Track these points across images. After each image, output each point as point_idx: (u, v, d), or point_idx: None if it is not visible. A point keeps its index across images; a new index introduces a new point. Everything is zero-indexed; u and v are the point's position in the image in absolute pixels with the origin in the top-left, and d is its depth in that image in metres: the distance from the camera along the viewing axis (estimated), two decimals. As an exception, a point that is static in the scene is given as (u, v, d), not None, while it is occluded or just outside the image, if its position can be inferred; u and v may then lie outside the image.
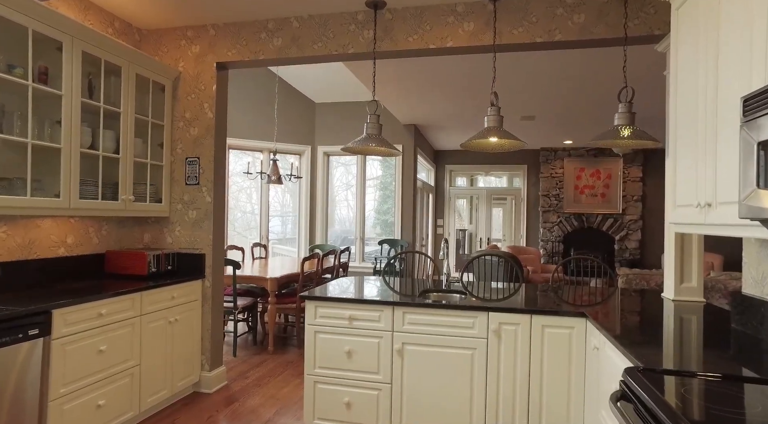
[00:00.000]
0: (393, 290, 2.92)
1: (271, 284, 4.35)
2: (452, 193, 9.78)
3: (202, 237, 3.42)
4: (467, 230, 10.76)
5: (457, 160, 9.66)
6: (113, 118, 3.06)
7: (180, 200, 3.48)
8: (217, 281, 3.46)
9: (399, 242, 7.01)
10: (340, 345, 2.62)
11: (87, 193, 2.81)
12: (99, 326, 2.50)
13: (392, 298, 2.62)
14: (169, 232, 3.49)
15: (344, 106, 7.38)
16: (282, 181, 5.45)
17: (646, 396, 1.09)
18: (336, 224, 8.05)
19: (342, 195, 8.28)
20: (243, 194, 9.33)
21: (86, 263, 3.13)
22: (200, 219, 3.44)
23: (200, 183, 3.44)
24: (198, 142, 3.46)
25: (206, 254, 3.41)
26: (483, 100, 5.66)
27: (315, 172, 7.42)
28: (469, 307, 2.45)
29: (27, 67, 2.46)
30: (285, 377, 3.73)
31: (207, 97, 3.45)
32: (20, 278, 2.70)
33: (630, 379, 1.23)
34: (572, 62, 4.30)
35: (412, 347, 2.53)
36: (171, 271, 3.34)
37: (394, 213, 7.22)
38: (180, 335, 3.15)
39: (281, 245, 8.90)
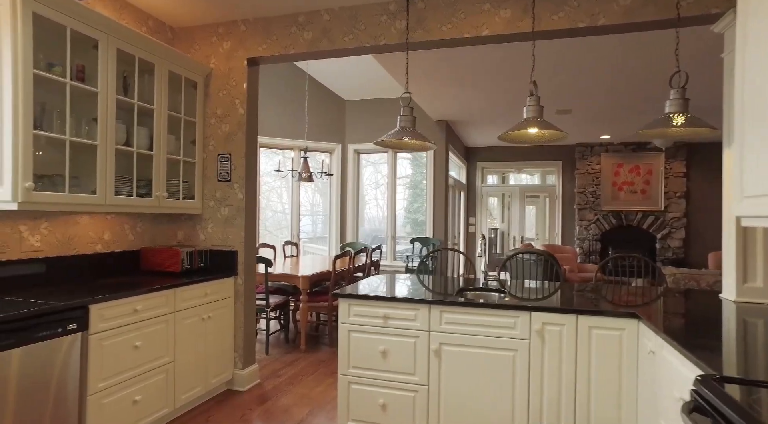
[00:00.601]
0: (428, 288, 2.82)
1: (303, 282, 4.31)
2: (484, 190, 9.58)
3: (234, 234, 3.41)
4: (499, 228, 10.54)
5: (489, 157, 9.45)
6: (147, 115, 3.07)
7: (212, 197, 3.47)
8: (249, 278, 3.44)
9: (431, 240, 6.89)
10: (374, 345, 2.54)
11: (122, 189, 2.83)
12: (134, 322, 2.50)
13: (428, 296, 2.52)
14: (202, 229, 3.49)
15: (374, 103, 7.32)
16: (313, 179, 5.42)
17: (732, 412, 0.96)
18: (365, 223, 8.00)
19: (371, 194, 8.23)
20: (274, 194, 9.41)
21: (122, 260, 3.16)
22: (232, 216, 3.42)
23: (232, 180, 3.43)
24: (229, 138, 3.44)
25: (238, 251, 3.39)
26: (517, 92, 5.48)
27: (345, 170, 7.39)
28: (510, 306, 2.32)
29: (65, 66, 2.48)
30: (317, 377, 3.68)
31: (238, 93, 3.44)
32: (60, 274, 2.73)
33: (706, 389, 1.10)
34: (612, 51, 4.09)
35: (450, 347, 2.42)
36: (204, 268, 3.34)
37: (426, 211, 7.10)
38: (213, 332, 3.14)
39: (312, 244, 8.92)
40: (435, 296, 2.51)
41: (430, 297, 2.48)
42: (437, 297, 2.48)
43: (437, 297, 2.48)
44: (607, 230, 8.61)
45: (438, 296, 2.51)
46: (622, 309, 2.20)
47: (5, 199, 2.22)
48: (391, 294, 2.57)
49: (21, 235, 2.55)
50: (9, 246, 2.49)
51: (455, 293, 2.64)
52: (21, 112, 2.23)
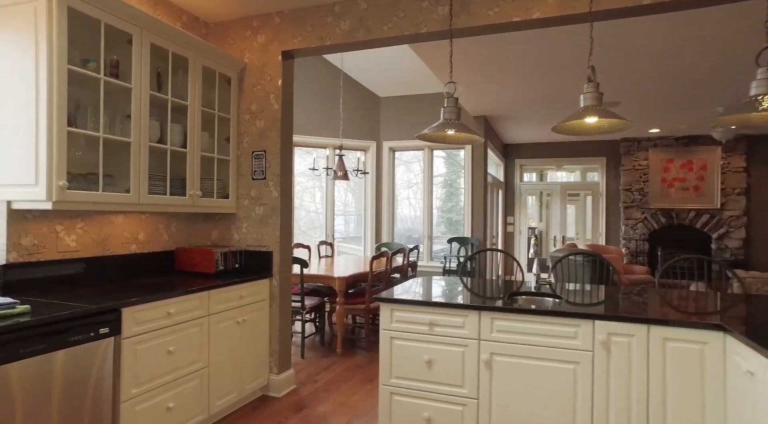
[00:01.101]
0: (475, 292, 2.61)
1: (339, 284, 4.17)
2: (522, 188, 9.24)
3: (269, 234, 3.29)
4: (536, 228, 10.15)
5: (528, 154, 9.10)
6: (180, 112, 2.99)
7: (247, 196, 3.37)
8: (284, 279, 3.32)
9: (469, 240, 6.65)
10: (419, 353, 2.35)
11: (155, 188, 2.74)
12: (168, 326, 2.40)
13: (477, 302, 2.31)
14: (236, 229, 3.40)
15: (409, 99, 7.13)
16: (348, 177, 5.28)
17: None
18: (398, 223, 7.82)
19: (403, 194, 8.05)
20: (307, 194, 9.36)
21: (157, 260, 3.09)
22: (267, 215, 3.31)
23: (267, 177, 3.31)
24: (264, 135, 3.33)
25: (273, 251, 3.27)
26: (560, 84, 5.18)
27: (380, 168, 7.23)
28: (570, 314, 2.09)
29: (99, 61, 2.41)
30: (355, 383, 3.52)
31: (273, 88, 3.32)
32: (95, 274, 2.67)
33: None
34: (666, 35, 3.76)
35: (502, 358, 2.21)
36: (238, 269, 3.23)
37: (463, 210, 6.86)
38: (248, 335, 3.03)
39: (346, 244, 8.82)
40: (485, 302, 2.30)
41: (479, 302, 2.28)
42: (487, 302, 2.27)
43: (487, 302, 2.27)
44: (655, 230, 8.13)
45: (488, 302, 2.30)
46: (703, 319, 1.93)
47: (39, 198, 2.15)
48: (437, 299, 2.37)
49: (57, 235, 2.50)
50: (46, 246, 2.44)
51: (505, 298, 2.42)
52: (56, 109, 2.16)
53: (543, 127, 7.51)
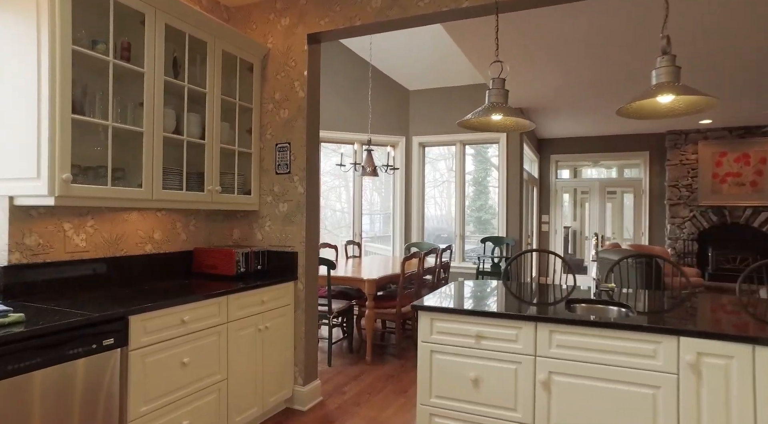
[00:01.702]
0: (523, 299, 2.29)
1: (368, 286, 3.89)
2: (558, 185, 8.77)
3: (294, 233, 3.03)
4: (571, 227, 9.66)
5: (564, 149, 8.64)
6: (198, 100, 2.76)
7: (270, 192, 3.12)
8: (310, 282, 3.06)
9: (504, 240, 6.28)
10: (463, 370, 2.04)
11: (170, 182, 2.51)
12: (182, 335, 2.16)
13: (533, 311, 1.98)
14: (259, 227, 3.15)
15: (440, 92, 6.80)
16: (377, 173, 4.99)
17: None
18: (425, 222, 7.51)
19: (429, 193, 7.74)
20: (333, 194, 9.15)
21: (174, 261, 2.87)
22: (291, 212, 3.05)
23: (291, 171, 3.05)
24: (288, 125, 3.07)
25: (298, 252, 3.01)
26: (610, 70, 4.76)
27: (410, 164, 6.92)
28: (648, 328, 1.75)
29: (108, 42, 2.19)
30: (386, 396, 3.23)
31: (297, 75, 3.06)
32: (107, 277, 2.46)
33: None
34: (730, 12, 3.32)
35: (563, 378, 1.88)
36: (261, 271, 2.99)
37: (497, 208, 6.49)
38: (271, 344, 2.78)
39: (373, 244, 8.58)
40: (542, 311, 1.97)
41: (535, 312, 1.95)
42: (545, 312, 1.95)
43: (545, 312, 1.95)
44: (705, 229, 7.56)
45: (545, 311, 1.97)
46: (824, 339, 1.56)
47: (41, 193, 1.94)
48: (483, 306, 2.06)
49: (65, 233, 2.29)
50: (53, 246, 2.24)
51: (563, 307, 2.09)
52: (58, 94, 1.94)
53: (582, 120, 7.06)
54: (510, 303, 2.17)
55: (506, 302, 2.19)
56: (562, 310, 2.03)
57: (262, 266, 3.00)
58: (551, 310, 2.02)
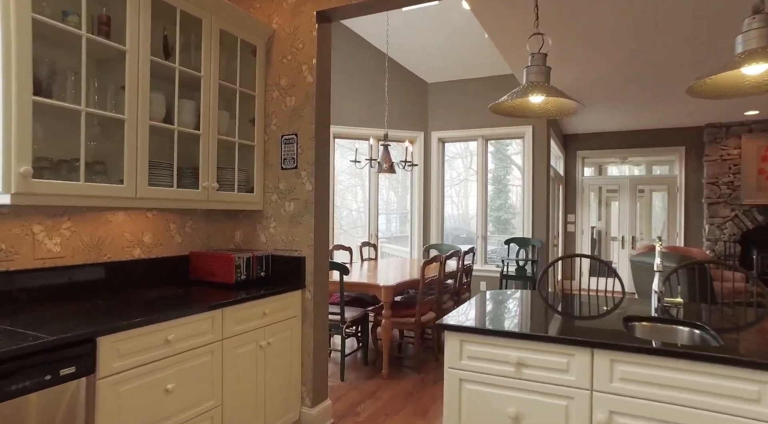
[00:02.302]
0: (568, 314, 1.90)
1: (385, 294, 3.53)
2: (585, 183, 8.29)
3: (302, 235, 2.69)
4: (595, 227, 9.16)
5: (591, 145, 8.14)
6: (193, 86, 2.44)
7: (275, 189, 2.79)
8: (320, 291, 2.71)
9: (530, 241, 5.86)
10: (500, 404, 1.67)
11: (159, 178, 2.19)
12: (165, 357, 1.83)
13: (585, 332, 1.60)
14: (263, 229, 2.82)
15: (460, 84, 6.40)
16: (395, 170, 4.64)
17: None
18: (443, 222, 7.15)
19: (446, 192, 7.39)
20: (349, 193, 8.86)
21: (167, 268, 2.55)
22: (299, 212, 2.71)
23: (298, 166, 2.71)
24: (295, 114, 2.73)
25: (306, 256, 2.67)
26: (651, 62, 4.32)
27: (428, 161, 6.54)
28: (749, 363, 1.35)
29: (81, 13, 1.88)
30: (406, 417, 2.87)
31: (306, 57, 2.71)
32: (86, 287, 2.15)
33: None
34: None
35: (630, 420, 1.50)
36: (264, 278, 2.66)
37: (518, 208, 6.07)
38: (274, 362, 2.44)
39: (389, 244, 8.27)
40: (598, 333, 1.59)
41: (590, 335, 1.57)
42: (603, 335, 1.56)
43: (603, 335, 1.56)
44: (749, 229, 7.01)
45: (603, 334, 1.59)
46: None
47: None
48: (524, 326, 1.69)
49: (35, 237, 1.99)
50: (19, 252, 1.94)
51: (620, 324, 1.70)
52: (15, 71, 1.63)
53: (614, 114, 6.58)
54: (555, 321, 1.79)
55: (550, 319, 1.81)
56: (621, 331, 1.64)
57: (265, 272, 2.67)
58: (607, 332, 1.64)
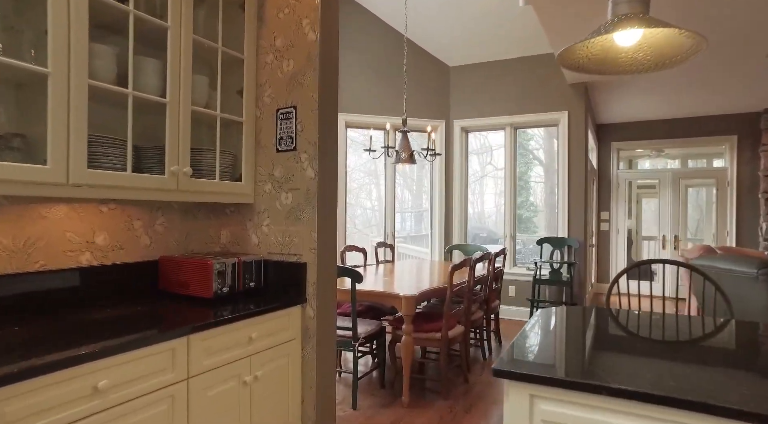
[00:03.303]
0: (668, 345, 1.28)
1: (406, 305, 2.94)
2: (621, 178, 7.58)
3: (302, 235, 2.11)
4: (625, 225, 8.44)
5: (627, 135, 7.43)
6: (157, 40, 1.87)
7: (269, 177, 2.22)
8: (325, 305, 2.13)
9: (566, 241, 5.21)
10: None
11: (104, 159, 1.63)
12: (93, 414, 1.27)
13: (750, 395, 0.98)
14: (254, 227, 2.25)
15: (485, 68, 5.77)
16: (414, 159, 4.04)
17: None
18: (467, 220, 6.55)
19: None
20: (363, 191, 8.35)
21: (130, 277, 1.99)
22: (298, 206, 2.13)
23: (297, 147, 2.14)
24: (294, 81, 2.15)
25: (308, 262, 2.09)
26: (698, 24, 3.64)
27: (450, 152, 5.92)
28: None
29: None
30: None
31: (307, 9, 2.13)
32: (6, 308, 1.60)
33: None
34: None
35: None
36: (254, 290, 2.09)
37: (558, 204, 5.42)
38: (264, 400, 1.87)
39: (406, 244, 7.75)
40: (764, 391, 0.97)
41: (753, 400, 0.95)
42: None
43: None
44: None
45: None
46: None
47: None
48: (634, 376, 1.08)
49: (-69, 238, 1.44)
50: None
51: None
52: None
53: (654, 99, 5.89)
54: (690, 371, 1.18)
55: (675, 367, 1.20)
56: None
57: (256, 282, 2.10)
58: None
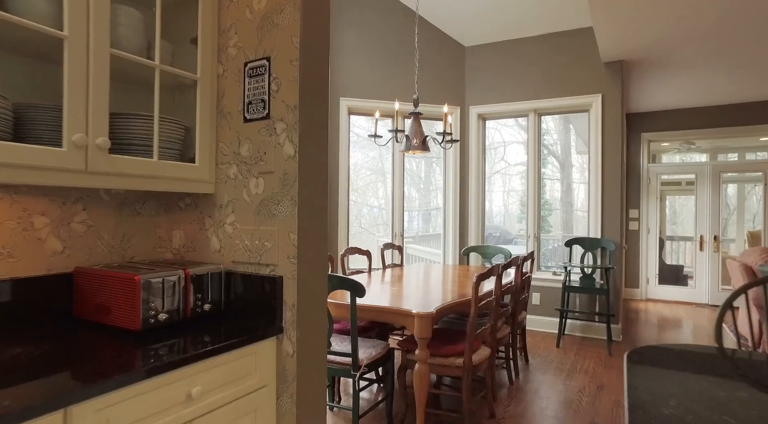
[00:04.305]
0: None
1: (420, 326, 2.32)
2: (652, 172, 6.90)
3: (277, 238, 1.50)
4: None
5: (659, 126, 6.75)
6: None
7: (234, 157, 1.60)
8: (311, 337, 1.51)
9: (599, 242, 4.56)
10: None
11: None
12: None
13: None
14: (215, 226, 1.64)
15: (505, 47, 5.12)
16: (428, 146, 3.42)
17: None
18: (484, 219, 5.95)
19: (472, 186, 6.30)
20: (369, 190, 7.94)
21: (28, 298, 1.39)
22: (272, 196, 1.51)
23: (271, 114, 1.52)
24: (268, 23, 1.54)
25: (284, 277, 1.47)
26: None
27: (466, 142, 5.29)
28: None
29: None
30: None
31: None
32: None
33: None
34: None
35: None
36: (210, 315, 1.48)
37: (589, 199, 4.77)
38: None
39: (414, 245, 7.18)
40: None
41: None
42: None
43: None
44: None
45: None
46: None
47: None
48: None
49: None
50: None
51: None
52: None
53: (691, 82, 5.21)
54: None
55: None
56: None
57: (213, 305, 1.49)
58: None
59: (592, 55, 4.62)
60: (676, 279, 6.94)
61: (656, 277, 6.76)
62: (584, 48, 4.68)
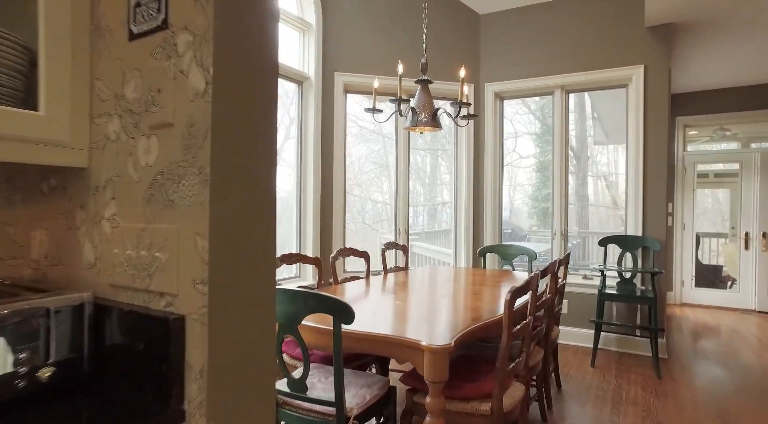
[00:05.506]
0: None
1: (432, 366, 1.63)
2: (689, 161, 6.17)
3: (175, 245, 0.81)
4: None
5: (699, 108, 6.01)
6: None
7: (115, 103, 0.92)
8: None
9: (641, 240, 3.86)
10: None
11: None
12: None
13: None
14: (88, 223, 0.97)
15: (526, 13, 4.41)
16: (439, 123, 2.73)
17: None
18: (490, 214, 5.30)
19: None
20: (373, 185, 7.54)
21: None
22: (169, 168, 0.83)
23: (170, 21, 0.83)
24: None
25: (188, 316, 0.79)
26: None
27: (481, 126, 4.60)
28: None
29: None
30: None
31: None
32: None
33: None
34: None
35: None
36: (55, 387, 0.79)
37: (627, 190, 4.06)
38: None
39: (420, 243, 6.57)
40: None
41: None
42: None
43: None
44: None
45: None
46: None
47: None
48: None
49: None
50: None
51: None
52: None
53: (745, 53, 4.46)
54: None
55: None
56: None
57: (59, 367, 0.81)
58: None
59: (633, 18, 3.90)
60: (713, 281, 6.22)
61: (692, 279, 6.03)
62: (623, 9, 3.96)
